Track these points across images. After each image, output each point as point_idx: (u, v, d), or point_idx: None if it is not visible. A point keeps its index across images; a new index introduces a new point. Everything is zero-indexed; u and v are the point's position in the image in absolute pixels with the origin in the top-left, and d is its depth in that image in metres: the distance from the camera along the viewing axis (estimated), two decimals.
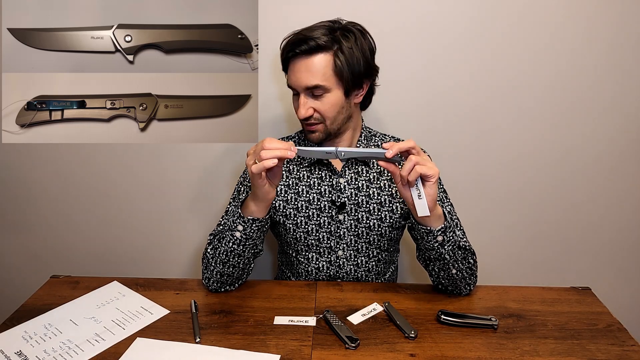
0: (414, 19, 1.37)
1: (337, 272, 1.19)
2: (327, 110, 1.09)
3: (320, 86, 1.06)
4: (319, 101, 1.08)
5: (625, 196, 1.53)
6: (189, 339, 0.94)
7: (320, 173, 1.19)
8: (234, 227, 1.04)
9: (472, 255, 1.08)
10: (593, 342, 0.93)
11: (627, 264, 1.60)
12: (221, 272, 1.08)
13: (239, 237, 1.04)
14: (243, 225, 1.03)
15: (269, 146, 0.93)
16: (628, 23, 1.36)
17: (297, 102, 1.12)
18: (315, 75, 1.05)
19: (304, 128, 1.14)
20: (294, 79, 1.08)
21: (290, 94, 1.15)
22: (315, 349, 0.90)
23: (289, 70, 1.10)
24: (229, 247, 1.05)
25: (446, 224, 1.00)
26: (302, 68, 1.06)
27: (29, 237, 1.65)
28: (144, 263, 1.66)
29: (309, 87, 1.06)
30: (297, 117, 1.11)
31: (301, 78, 1.06)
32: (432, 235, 1.00)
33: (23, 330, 0.96)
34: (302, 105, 1.08)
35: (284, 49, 1.09)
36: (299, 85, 1.07)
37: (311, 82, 1.05)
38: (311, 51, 1.04)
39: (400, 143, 0.93)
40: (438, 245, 1.01)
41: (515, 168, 1.51)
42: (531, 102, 1.44)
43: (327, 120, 1.10)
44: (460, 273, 1.05)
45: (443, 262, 1.03)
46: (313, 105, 1.08)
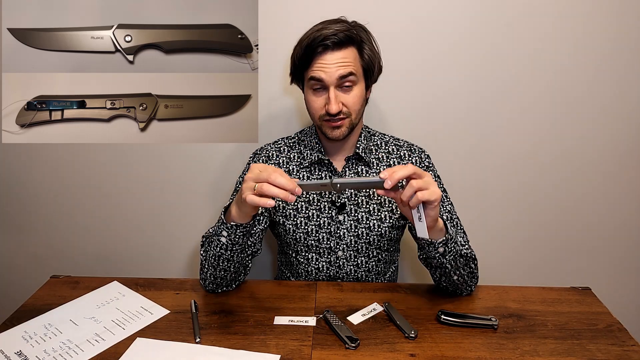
0: (414, 19, 1.37)
1: (337, 273, 1.19)
2: (354, 103, 1.09)
3: (353, 74, 1.06)
4: (348, 95, 1.08)
5: (625, 196, 1.53)
6: (189, 339, 0.94)
7: (320, 174, 1.19)
8: (219, 233, 1.01)
9: (473, 260, 1.06)
10: (593, 342, 0.93)
11: (627, 264, 1.60)
12: (214, 275, 1.07)
13: (225, 243, 1.01)
14: (227, 232, 1.00)
15: (275, 182, 0.84)
16: (627, 23, 1.36)
17: (318, 99, 1.09)
18: (347, 65, 1.06)
19: (325, 126, 1.11)
20: (327, 70, 1.05)
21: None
22: (315, 349, 0.90)
23: (315, 65, 1.06)
24: (216, 251, 1.03)
25: (447, 237, 0.98)
26: (333, 60, 1.05)
27: (29, 237, 1.65)
28: (144, 263, 1.66)
29: (343, 75, 1.05)
30: (318, 115, 1.09)
31: (335, 69, 1.05)
32: (434, 246, 0.99)
33: (23, 330, 0.96)
34: (334, 100, 1.06)
35: (308, 45, 1.05)
36: (332, 77, 1.05)
37: (345, 70, 1.05)
38: (342, 44, 1.05)
39: (399, 172, 0.86)
40: (439, 256, 1.00)
41: (515, 168, 1.51)
42: (531, 103, 1.44)
43: (353, 115, 1.10)
44: (461, 278, 1.05)
45: (444, 270, 1.03)
46: (342, 99, 1.08)
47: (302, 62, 1.09)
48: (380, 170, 1.19)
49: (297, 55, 1.09)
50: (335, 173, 1.18)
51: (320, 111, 1.09)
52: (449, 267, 1.02)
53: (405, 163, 1.20)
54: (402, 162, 1.20)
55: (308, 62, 1.08)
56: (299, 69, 1.11)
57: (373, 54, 1.11)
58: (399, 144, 1.23)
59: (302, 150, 1.21)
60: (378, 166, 1.19)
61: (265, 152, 1.23)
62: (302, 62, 1.09)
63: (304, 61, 1.08)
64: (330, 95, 1.06)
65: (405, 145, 1.23)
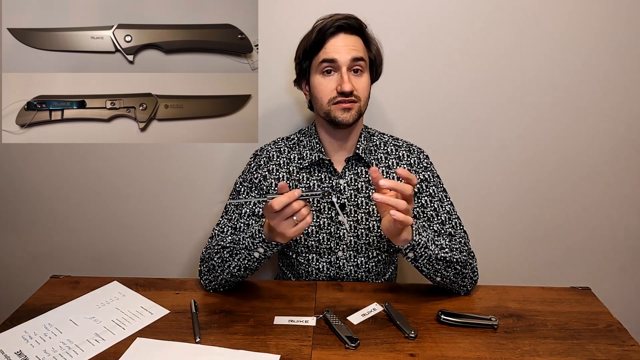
0: (415, 19, 1.37)
1: (337, 273, 1.19)
2: (364, 89, 1.10)
3: (364, 59, 1.09)
4: (358, 79, 1.09)
5: (625, 196, 1.53)
6: (189, 339, 0.94)
7: (320, 175, 1.19)
8: (253, 248, 1.01)
9: (458, 263, 1.04)
10: (593, 342, 0.93)
11: (627, 264, 1.60)
12: (227, 280, 1.08)
13: (258, 257, 1.02)
14: (264, 248, 1.00)
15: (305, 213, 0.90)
16: (616, 18, 1.35)
17: (329, 82, 1.08)
18: (359, 49, 1.08)
19: (335, 110, 1.09)
20: (340, 50, 1.07)
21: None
22: (315, 349, 0.90)
23: (328, 46, 1.08)
24: (243, 263, 1.04)
25: (413, 243, 0.97)
26: (346, 42, 1.07)
27: (29, 237, 1.65)
28: (144, 263, 1.66)
29: (356, 58, 1.07)
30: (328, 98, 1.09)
31: (348, 50, 1.07)
32: (401, 252, 1.00)
33: (23, 330, 0.96)
34: (347, 79, 1.06)
35: (321, 29, 1.07)
36: (346, 55, 1.07)
37: (357, 54, 1.07)
38: (353, 30, 1.08)
39: None
40: (411, 261, 1.01)
41: (516, 169, 1.51)
42: (533, 105, 1.44)
43: (362, 101, 1.10)
44: (446, 279, 1.05)
45: (422, 273, 1.05)
46: (353, 82, 1.08)
47: (313, 47, 1.09)
48: (380, 170, 1.19)
49: (309, 41, 1.10)
50: (335, 174, 1.18)
51: (331, 94, 1.09)
52: (425, 271, 1.03)
53: (404, 164, 1.20)
54: (401, 163, 1.20)
55: (320, 45, 1.09)
56: (308, 55, 1.11)
57: (378, 51, 1.15)
58: (398, 144, 1.23)
59: (302, 151, 1.21)
60: (377, 167, 1.19)
61: (265, 152, 1.23)
62: (314, 46, 1.09)
63: (316, 45, 1.09)
64: (343, 75, 1.07)
65: (404, 146, 1.23)
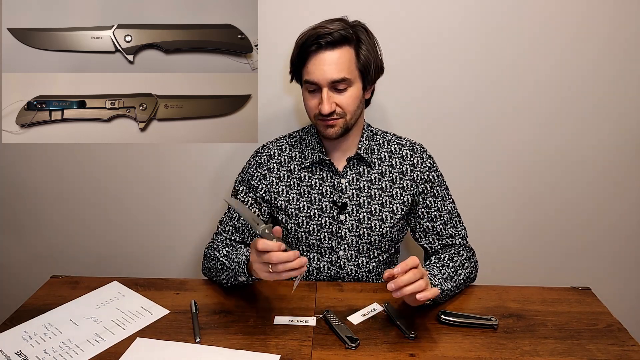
0: (416, 18, 1.37)
1: (338, 273, 1.19)
2: (349, 104, 1.08)
3: (346, 79, 1.06)
4: (342, 95, 1.08)
5: (625, 196, 1.53)
6: (189, 339, 0.94)
7: (321, 174, 1.19)
8: (237, 274, 1.03)
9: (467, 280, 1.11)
10: (593, 342, 0.93)
11: (627, 264, 1.60)
12: (223, 285, 1.12)
13: (241, 280, 1.04)
14: (245, 278, 1.02)
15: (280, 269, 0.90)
16: (624, 21, 1.36)
17: (313, 99, 1.09)
18: (342, 67, 1.05)
19: (320, 125, 1.11)
20: (318, 73, 1.05)
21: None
22: (315, 349, 0.90)
23: (309, 65, 1.06)
24: (231, 281, 1.07)
25: (436, 299, 1.01)
26: (327, 61, 1.05)
27: (29, 237, 1.65)
28: (144, 263, 1.66)
29: (336, 80, 1.05)
30: (313, 114, 1.10)
31: (328, 71, 1.04)
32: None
33: (23, 330, 0.96)
34: (327, 100, 1.06)
35: (303, 44, 1.06)
36: (325, 78, 1.05)
37: (338, 75, 1.05)
38: (336, 44, 1.04)
39: None
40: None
41: (516, 167, 1.51)
42: (533, 102, 1.44)
43: (348, 115, 1.09)
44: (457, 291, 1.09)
45: None
46: (335, 100, 1.07)
47: (297, 61, 1.09)
48: (382, 170, 1.19)
49: (294, 55, 1.10)
50: (336, 173, 1.18)
51: (316, 110, 1.09)
52: (444, 301, 1.06)
53: (407, 164, 1.19)
54: (404, 163, 1.20)
55: (303, 61, 1.08)
56: (296, 67, 1.11)
57: (370, 54, 1.09)
58: (401, 143, 1.22)
59: (304, 150, 1.21)
60: (380, 166, 1.19)
61: (267, 150, 1.23)
62: (298, 61, 1.09)
63: (299, 60, 1.08)
64: (323, 96, 1.06)
65: (408, 145, 1.22)
